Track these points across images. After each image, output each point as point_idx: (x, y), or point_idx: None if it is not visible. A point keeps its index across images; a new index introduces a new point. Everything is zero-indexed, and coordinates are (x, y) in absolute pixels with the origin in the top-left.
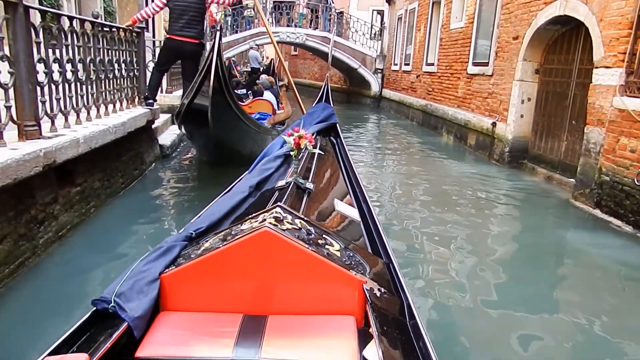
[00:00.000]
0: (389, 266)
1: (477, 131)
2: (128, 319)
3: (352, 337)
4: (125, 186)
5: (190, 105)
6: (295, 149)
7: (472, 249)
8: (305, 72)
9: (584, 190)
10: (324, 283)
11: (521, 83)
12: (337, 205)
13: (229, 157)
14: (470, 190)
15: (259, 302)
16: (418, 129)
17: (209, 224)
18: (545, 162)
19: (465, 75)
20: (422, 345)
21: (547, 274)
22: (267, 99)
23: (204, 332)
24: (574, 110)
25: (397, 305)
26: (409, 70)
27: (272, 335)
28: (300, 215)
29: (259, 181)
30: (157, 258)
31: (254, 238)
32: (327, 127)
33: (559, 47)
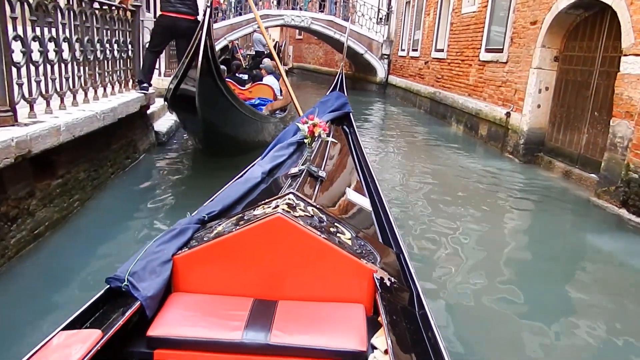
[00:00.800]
0: (399, 256)
1: (489, 121)
2: (141, 298)
3: (361, 325)
4: (115, 176)
5: (177, 90)
6: (309, 136)
7: (484, 247)
8: (309, 57)
9: (608, 188)
10: (335, 271)
11: (539, 71)
12: (348, 194)
13: (222, 145)
14: (482, 185)
15: (270, 287)
16: (425, 118)
17: (222, 208)
18: (564, 156)
19: (477, 62)
20: (431, 335)
21: (565, 278)
22: (268, 83)
23: (214, 314)
24: (596, 101)
25: (407, 295)
26: (417, 56)
27: (281, 320)
28: (313, 203)
29: (271, 167)
30: (170, 240)
31: (266, 224)
32: (341, 116)
33: (580, 33)
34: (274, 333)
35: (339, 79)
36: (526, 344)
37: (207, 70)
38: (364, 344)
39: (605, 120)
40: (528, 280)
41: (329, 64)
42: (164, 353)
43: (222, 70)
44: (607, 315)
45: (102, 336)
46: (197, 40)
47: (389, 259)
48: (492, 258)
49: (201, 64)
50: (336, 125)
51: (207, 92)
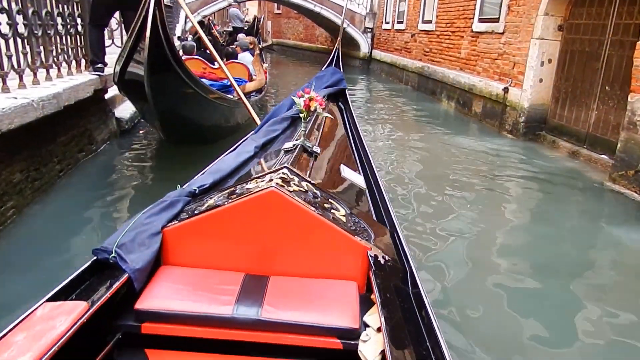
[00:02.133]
0: (394, 235)
1: (484, 97)
2: (129, 270)
3: (354, 302)
4: (65, 175)
5: (124, 74)
6: (304, 111)
7: (483, 233)
8: (289, 33)
9: (625, 172)
10: (329, 247)
11: (541, 42)
12: (343, 171)
13: (187, 134)
14: (479, 166)
15: (262, 262)
16: (413, 94)
17: (213, 181)
18: (569, 135)
19: (469, 33)
20: (425, 314)
21: (575, 272)
22: (242, 62)
23: (204, 288)
24: (607, 74)
25: (401, 273)
26: (403, 29)
27: (273, 296)
28: (307, 178)
29: (265, 142)
30: (160, 212)
31: (260, 197)
32: (336, 92)
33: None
34: (266, 308)
35: (335, 55)
36: (524, 334)
37: (157, 49)
38: (356, 321)
39: (619, 95)
40: (531, 270)
41: (310, 39)
42: (152, 326)
43: (176, 49)
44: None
45: (89, 308)
46: (144, 12)
47: (383, 237)
48: (491, 245)
49: (149, 41)
50: (331, 101)
51: (158, 75)
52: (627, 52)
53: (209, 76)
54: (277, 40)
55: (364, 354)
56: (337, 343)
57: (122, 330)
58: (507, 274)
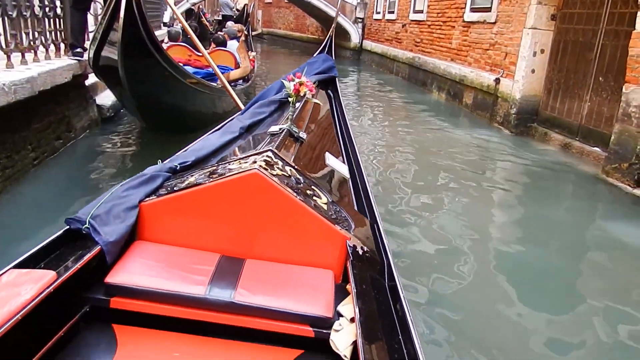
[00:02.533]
0: (374, 226)
1: (475, 88)
2: (101, 242)
3: (329, 291)
4: (41, 163)
5: (98, 58)
6: (293, 95)
7: (470, 227)
8: (280, 22)
9: (619, 165)
10: (308, 234)
11: (534, 32)
12: (327, 159)
13: (167, 122)
14: (470, 158)
15: (239, 244)
16: (404, 85)
17: (195, 159)
18: (561, 127)
19: (461, 23)
20: (399, 307)
21: (569, 270)
22: (229, 50)
23: (178, 267)
24: (601, 64)
25: (378, 265)
26: (394, 19)
27: (247, 279)
28: (291, 163)
29: (251, 123)
30: (138, 186)
31: (242, 179)
32: (326, 80)
33: None
34: (239, 291)
35: (327, 42)
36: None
37: (132, 29)
38: (330, 310)
39: (613, 86)
40: (519, 266)
41: (301, 29)
42: (122, 301)
43: (152, 31)
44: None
45: (57, 278)
46: None
47: (363, 228)
48: (478, 240)
49: (123, 21)
50: (321, 88)
51: (134, 58)
52: (622, 41)
53: (194, 63)
54: (268, 30)
55: (335, 344)
56: (309, 331)
57: (91, 303)
58: (494, 271)
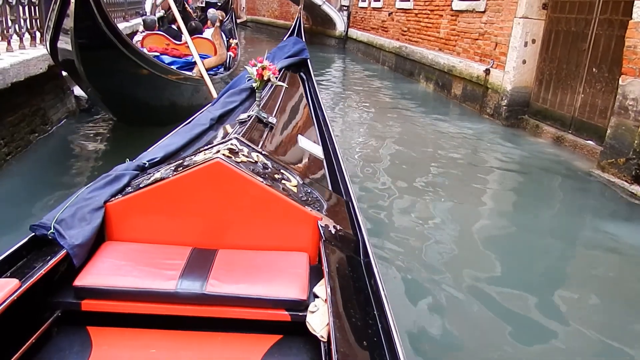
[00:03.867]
0: (348, 204)
1: (464, 79)
2: (67, 246)
3: (303, 273)
4: (14, 157)
5: (54, 48)
6: (258, 80)
7: (459, 224)
8: (264, 10)
9: (616, 160)
10: (278, 218)
11: (525, 21)
12: (300, 141)
13: (138, 115)
14: (459, 150)
15: (210, 235)
16: (390, 75)
17: (164, 154)
18: (554, 119)
19: (449, 11)
20: (374, 282)
21: (563, 270)
22: (208, 37)
23: (148, 264)
24: (595, 55)
25: (352, 243)
26: (380, 7)
27: (220, 270)
28: (258, 149)
29: (221, 114)
30: (104, 186)
31: (204, 169)
32: (298, 63)
33: None
34: (211, 282)
35: (296, 24)
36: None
37: (87, 17)
38: (304, 293)
39: (607, 77)
40: (505, 264)
41: (285, 16)
42: (92, 303)
43: (111, 18)
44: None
45: (20, 286)
46: None
47: (337, 206)
48: (465, 235)
49: (75, 9)
50: (292, 72)
51: (91, 48)
52: (617, 31)
53: (171, 52)
54: (252, 17)
55: (311, 325)
56: (284, 315)
57: (62, 307)
58: (479, 267)
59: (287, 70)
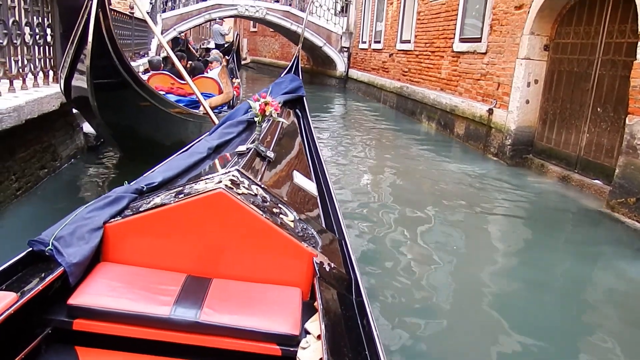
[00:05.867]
0: (341, 242)
1: (466, 118)
2: (64, 264)
3: (296, 308)
4: (23, 193)
5: (68, 87)
6: (259, 115)
7: (464, 264)
8: (265, 50)
9: (626, 200)
10: (274, 252)
11: (527, 62)
12: (295, 177)
13: (146, 150)
14: (462, 190)
15: (205, 264)
16: (391, 114)
17: (162, 180)
18: (559, 158)
19: (450, 53)
20: (366, 322)
21: (569, 314)
22: (212, 76)
23: (143, 287)
24: (599, 95)
25: (346, 281)
26: (380, 48)
27: (214, 299)
28: (257, 182)
29: (218, 144)
30: (104, 207)
31: (207, 198)
32: (294, 99)
33: (576, 18)
34: (205, 311)
35: (294, 62)
36: None
37: (103, 57)
38: (297, 328)
39: (612, 117)
40: (513, 310)
41: (286, 57)
42: (85, 323)
43: (126, 58)
44: None
45: (18, 299)
46: (85, 16)
47: (331, 244)
48: (469, 277)
49: (92, 48)
50: (289, 108)
51: (106, 87)
52: (620, 72)
53: (177, 92)
54: (253, 58)
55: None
56: (275, 349)
57: (53, 325)
58: (482, 313)
59: (283, 106)
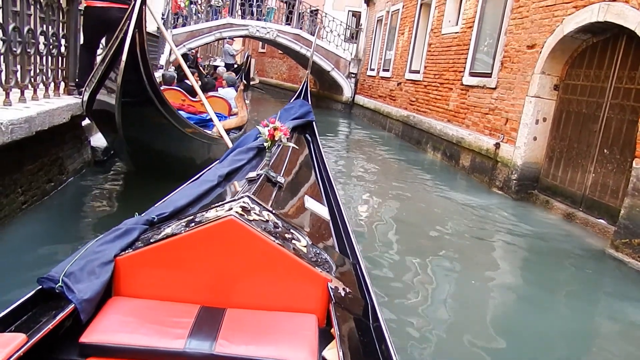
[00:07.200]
0: (356, 267)
1: (473, 151)
2: (75, 301)
3: (312, 336)
4: (29, 206)
5: (93, 101)
6: (269, 140)
7: (461, 302)
8: (272, 72)
9: (630, 240)
10: (288, 279)
11: (536, 100)
12: (307, 202)
13: (159, 169)
14: (465, 223)
15: (218, 294)
16: (396, 142)
17: (173, 209)
18: (564, 196)
19: (459, 86)
20: (385, 348)
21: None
22: (222, 96)
23: (156, 321)
24: (606, 137)
25: (362, 306)
26: (388, 76)
27: (228, 329)
28: (269, 208)
29: (229, 171)
30: (114, 240)
31: (218, 226)
32: (304, 124)
33: (587, 61)
34: (220, 342)
35: (303, 87)
36: None
37: (134, 75)
38: (314, 356)
39: (618, 159)
40: (516, 345)
41: (293, 79)
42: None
43: (155, 76)
44: None
45: (27, 341)
46: (122, 34)
47: (345, 269)
48: (470, 318)
49: (125, 66)
50: (298, 133)
51: (133, 104)
52: (628, 116)
53: (187, 109)
54: (260, 79)
55: None
56: None
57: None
58: (490, 347)
59: (293, 131)
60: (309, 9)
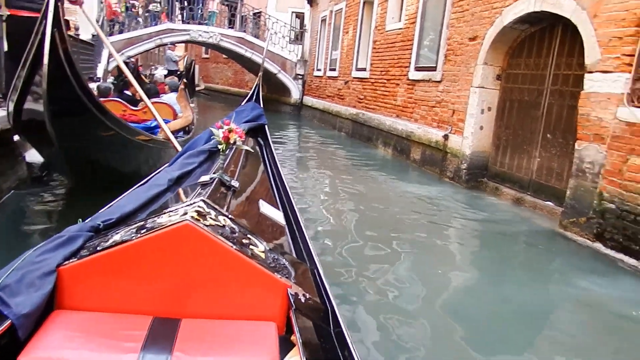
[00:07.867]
0: (314, 272)
1: (422, 144)
2: (12, 316)
3: (273, 344)
4: None
5: (20, 111)
6: (223, 142)
7: (416, 287)
8: (217, 77)
9: (577, 219)
10: (246, 285)
11: (481, 90)
12: (262, 206)
13: (103, 180)
14: (418, 213)
15: (173, 303)
16: (347, 140)
17: (120, 215)
18: (512, 182)
19: (405, 81)
20: (348, 354)
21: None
22: (166, 102)
23: (106, 335)
24: (548, 122)
25: (322, 312)
26: (335, 76)
27: (184, 341)
28: (225, 213)
29: (179, 175)
30: (56, 248)
31: (173, 232)
32: (255, 128)
33: (527, 50)
34: (176, 355)
35: (255, 90)
36: None
37: (58, 78)
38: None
39: (561, 142)
40: (471, 325)
41: (240, 84)
42: None
43: (83, 77)
44: None
45: None
46: (39, 36)
47: (304, 274)
48: (426, 300)
49: (48, 69)
50: (251, 136)
51: (66, 112)
52: (568, 101)
53: (129, 118)
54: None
55: None
56: None
57: None
58: (440, 329)
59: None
60: (251, 11)
